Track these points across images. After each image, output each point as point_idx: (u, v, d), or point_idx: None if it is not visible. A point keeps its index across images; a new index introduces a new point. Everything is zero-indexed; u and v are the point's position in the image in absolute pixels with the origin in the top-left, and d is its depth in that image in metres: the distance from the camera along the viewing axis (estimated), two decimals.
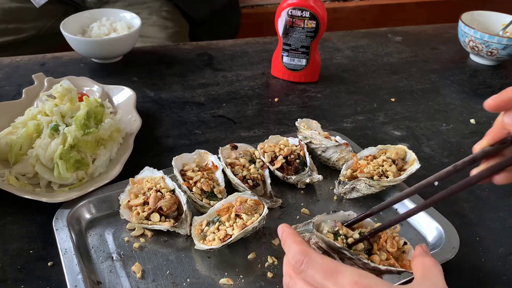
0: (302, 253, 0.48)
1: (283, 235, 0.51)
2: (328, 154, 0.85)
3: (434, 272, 0.48)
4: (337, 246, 0.51)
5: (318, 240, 0.52)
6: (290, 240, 0.50)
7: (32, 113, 0.83)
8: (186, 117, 1.03)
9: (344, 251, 0.51)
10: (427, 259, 0.51)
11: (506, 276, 0.69)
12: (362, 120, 1.05)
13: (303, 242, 0.49)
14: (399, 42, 1.43)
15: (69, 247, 0.66)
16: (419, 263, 0.50)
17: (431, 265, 0.49)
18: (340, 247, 0.51)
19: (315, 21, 1.08)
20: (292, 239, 0.50)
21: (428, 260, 0.50)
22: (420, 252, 0.52)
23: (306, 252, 0.47)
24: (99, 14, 1.26)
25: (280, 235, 0.52)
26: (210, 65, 1.25)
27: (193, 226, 0.71)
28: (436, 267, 0.49)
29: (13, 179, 0.76)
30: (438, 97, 1.15)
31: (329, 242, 0.51)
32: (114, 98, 1.01)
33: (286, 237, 0.51)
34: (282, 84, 1.18)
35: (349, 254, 0.51)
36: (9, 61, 1.21)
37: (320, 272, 0.46)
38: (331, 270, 0.45)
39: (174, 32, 1.54)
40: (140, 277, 0.65)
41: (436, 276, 0.48)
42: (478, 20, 1.33)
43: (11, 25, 1.47)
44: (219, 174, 0.79)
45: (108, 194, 0.76)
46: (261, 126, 1.01)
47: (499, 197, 0.84)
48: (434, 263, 0.50)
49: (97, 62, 1.21)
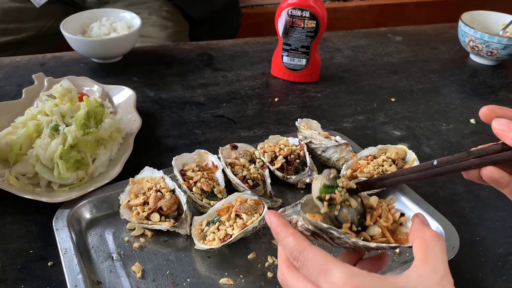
0: (297, 249, 0.46)
1: (273, 225, 0.50)
2: (328, 154, 0.85)
3: (436, 253, 0.45)
4: (324, 226, 0.49)
5: (304, 222, 0.51)
6: (283, 234, 0.48)
7: (32, 113, 0.83)
8: (186, 117, 1.03)
9: (332, 231, 0.49)
10: (427, 233, 0.46)
11: (506, 276, 0.69)
12: (362, 120, 1.05)
13: (296, 233, 0.48)
14: (399, 42, 1.43)
15: (69, 247, 0.66)
16: (420, 240, 0.46)
17: (433, 243, 0.45)
18: (327, 227, 0.49)
19: (315, 21, 1.08)
20: (285, 232, 0.48)
21: (429, 234, 0.46)
22: (418, 224, 0.48)
23: (301, 247, 0.46)
24: (99, 14, 1.26)
25: (268, 224, 0.50)
26: (210, 65, 1.25)
27: (193, 226, 0.71)
28: (438, 244, 0.45)
29: (13, 179, 0.76)
30: (438, 97, 1.15)
31: (315, 224, 0.50)
32: (114, 98, 1.01)
33: (277, 228, 0.49)
34: (282, 84, 1.18)
35: (337, 234, 0.49)
36: (9, 61, 1.21)
37: (312, 269, 0.45)
38: (322, 268, 0.44)
39: (174, 32, 1.54)
40: (140, 277, 0.65)
41: (437, 257, 0.44)
42: (478, 20, 1.33)
43: (11, 25, 1.47)
44: (219, 174, 0.79)
45: (108, 194, 0.76)
46: (261, 126, 1.01)
47: (499, 197, 0.84)
48: (436, 239, 0.46)
49: (97, 62, 1.21)
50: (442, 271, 0.44)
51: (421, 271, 0.44)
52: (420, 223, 0.48)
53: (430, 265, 0.44)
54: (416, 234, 0.47)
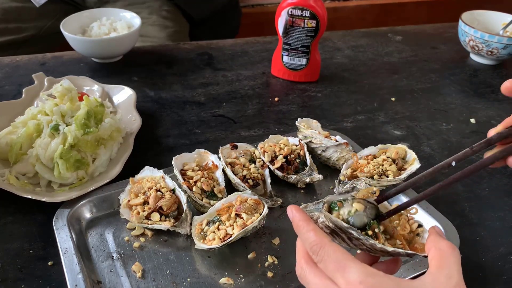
0: (317, 243, 0.47)
1: (295, 220, 0.51)
2: (328, 153, 0.85)
3: (450, 262, 0.46)
4: (344, 226, 0.50)
5: (326, 220, 0.52)
6: (305, 229, 0.49)
7: (32, 113, 0.83)
8: (186, 117, 1.03)
9: (351, 231, 0.50)
10: (443, 244, 0.48)
11: (506, 276, 0.69)
12: (362, 119, 1.05)
13: (317, 229, 0.49)
14: (399, 42, 1.43)
15: (69, 247, 0.66)
16: (436, 250, 0.48)
17: (448, 253, 0.47)
18: (347, 227, 0.51)
19: (315, 20, 1.08)
20: (307, 226, 0.49)
21: (444, 245, 0.48)
22: (434, 235, 0.50)
23: (321, 242, 0.47)
24: (99, 14, 1.26)
25: (291, 218, 0.51)
26: (210, 65, 1.25)
27: (193, 225, 0.71)
28: (453, 254, 0.47)
29: (13, 178, 0.76)
30: (438, 97, 1.15)
31: (336, 222, 0.51)
32: (114, 98, 1.01)
33: (300, 223, 0.50)
34: (282, 83, 1.18)
35: (356, 234, 0.50)
36: (9, 61, 1.21)
37: (330, 265, 0.46)
38: (341, 265, 0.45)
39: (174, 31, 1.54)
40: (140, 277, 0.65)
41: (451, 266, 0.46)
42: (478, 19, 1.33)
43: (11, 25, 1.47)
44: (219, 173, 0.79)
45: (108, 194, 0.76)
46: (261, 126, 1.01)
47: (499, 197, 0.84)
48: (451, 250, 0.47)
49: (97, 61, 1.21)
50: (456, 278, 0.45)
51: (435, 277, 0.45)
52: (436, 235, 0.50)
53: (445, 273, 0.45)
54: (432, 244, 0.49)
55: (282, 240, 0.71)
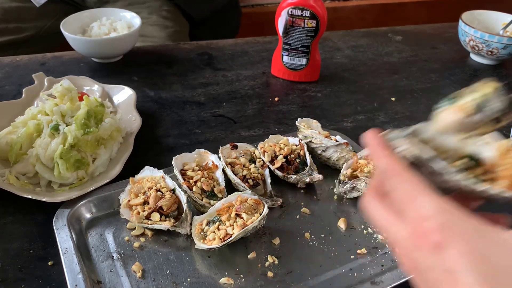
0: (391, 170, 0.42)
1: (372, 144, 0.46)
2: (328, 153, 0.85)
3: None
4: (423, 158, 0.43)
5: (406, 147, 0.45)
6: (381, 154, 0.44)
7: (32, 113, 0.83)
8: (186, 117, 1.03)
9: (433, 163, 0.41)
10: None
11: None
12: (363, 119, 1.05)
13: (394, 156, 0.44)
14: (399, 42, 1.43)
15: (69, 247, 0.66)
16: None
17: None
18: (428, 158, 0.42)
19: (315, 20, 1.08)
20: (383, 152, 0.44)
21: None
22: None
23: (396, 169, 0.42)
24: (99, 14, 1.26)
25: (367, 143, 0.47)
26: (210, 65, 1.25)
27: (193, 225, 0.71)
28: None
29: (13, 178, 0.76)
30: (438, 97, 1.14)
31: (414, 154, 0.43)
32: (114, 98, 1.01)
33: (377, 148, 0.46)
34: (282, 83, 1.18)
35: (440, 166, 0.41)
36: (9, 61, 1.21)
37: (401, 194, 0.41)
38: (413, 194, 0.39)
39: (174, 31, 1.54)
40: (140, 277, 0.65)
41: None
42: (479, 19, 1.33)
43: (11, 25, 1.47)
44: (219, 173, 0.79)
45: (108, 194, 0.76)
46: (261, 126, 1.01)
47: None
48: None
49: (97, 61, 1.21)
50: None
51: None
52: None
53: None
54: None
55: (282, 240, 0.71)
